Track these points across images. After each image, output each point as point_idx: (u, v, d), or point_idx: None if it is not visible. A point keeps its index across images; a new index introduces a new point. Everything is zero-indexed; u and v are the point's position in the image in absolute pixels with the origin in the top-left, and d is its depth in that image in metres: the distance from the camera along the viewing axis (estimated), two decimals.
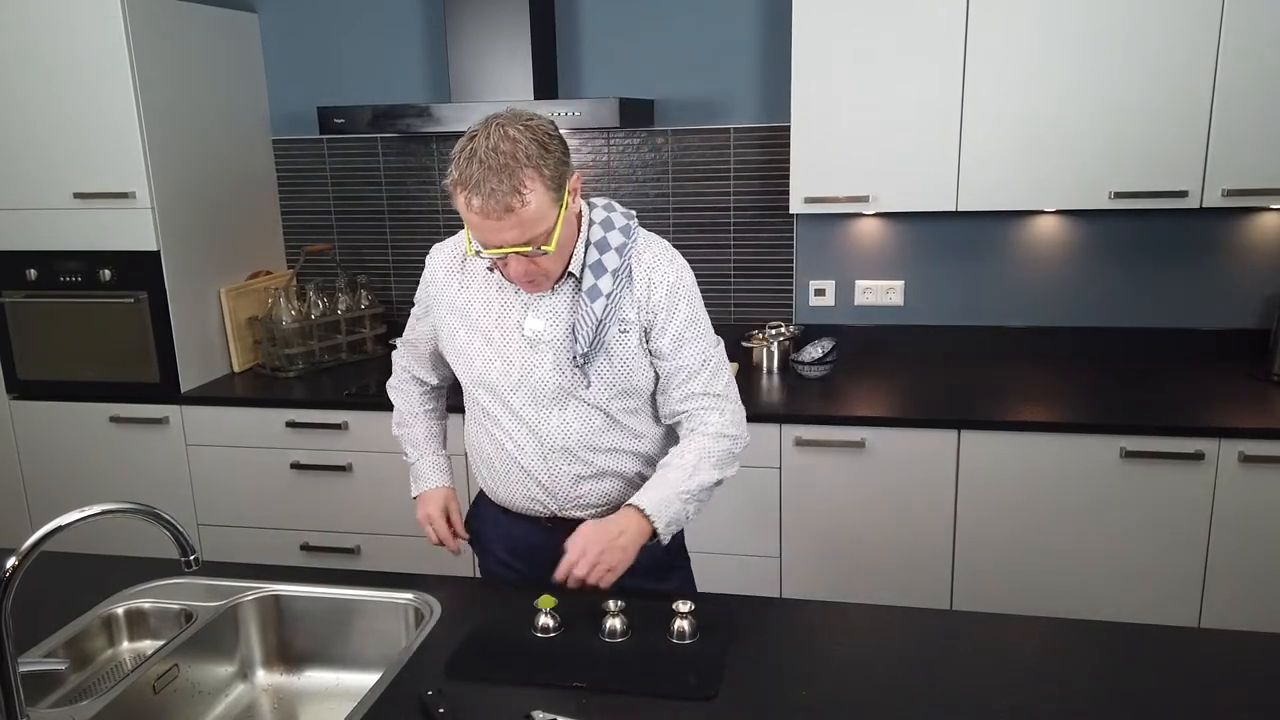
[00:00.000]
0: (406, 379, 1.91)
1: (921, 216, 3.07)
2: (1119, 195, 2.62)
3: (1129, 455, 2.48)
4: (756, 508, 2.72)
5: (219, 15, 3.14)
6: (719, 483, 1.66)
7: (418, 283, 1.79)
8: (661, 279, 1.61)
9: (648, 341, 1.64)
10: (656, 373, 1.67)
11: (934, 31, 2.62)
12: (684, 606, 1.47)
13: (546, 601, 1.51)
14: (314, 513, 3.02)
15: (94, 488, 3.09)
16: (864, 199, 2.77)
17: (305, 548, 3.05)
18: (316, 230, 3.50)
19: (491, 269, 1.62)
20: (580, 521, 1.66)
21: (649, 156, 3.20)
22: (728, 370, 1.70)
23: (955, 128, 2.67)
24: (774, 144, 3.08)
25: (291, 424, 2.94)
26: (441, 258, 1.72)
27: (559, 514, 1.71)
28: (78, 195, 2.88)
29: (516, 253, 1.47)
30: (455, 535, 1.85)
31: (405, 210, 3.42)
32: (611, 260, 1.58)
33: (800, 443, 2.64)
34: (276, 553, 3.04)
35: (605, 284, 1.57)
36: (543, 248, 1.47)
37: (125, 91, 2.78)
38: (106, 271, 2.94)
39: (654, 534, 1.59)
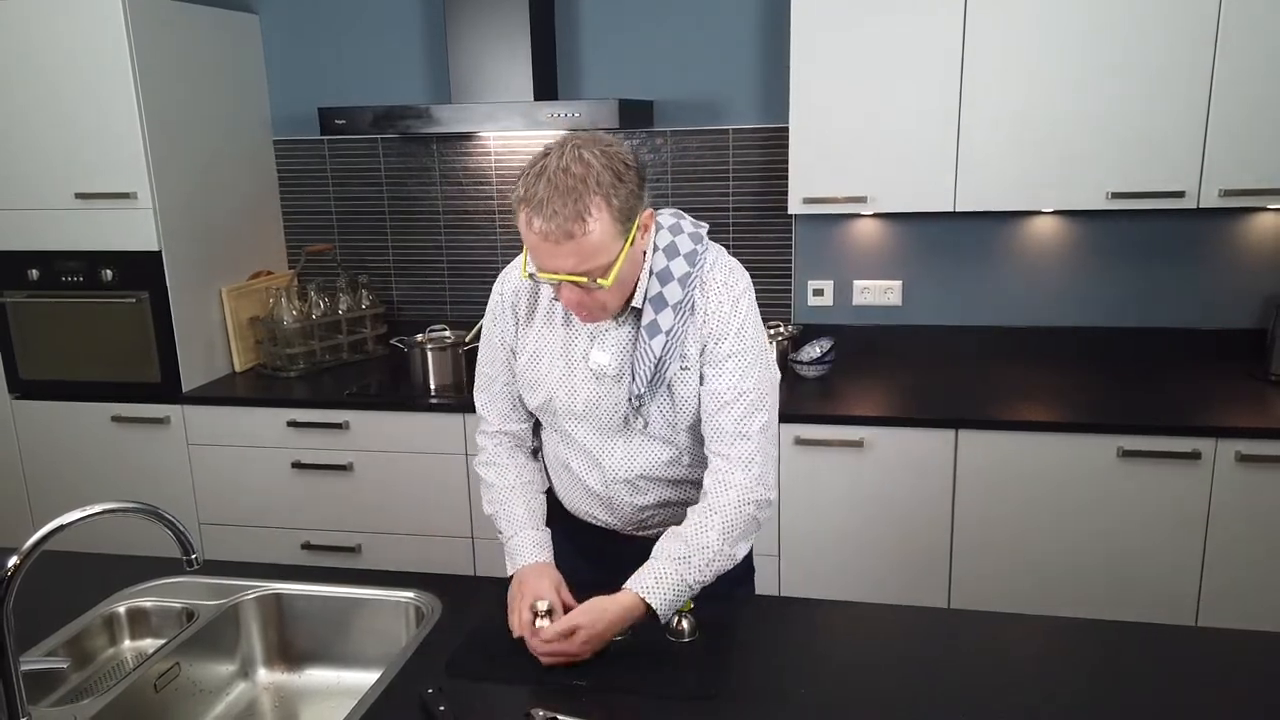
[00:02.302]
0: (502, 448, 1.72)
1: (919, 217, 3.08)
2: (1116, 196, 2.63)
3: (1126, 455, 2.48)
4: None
5: (219, 16, 3.15)
6: (735, 562, 1.52)
7: (417, 283, 1.77)
8: (717, 308, 1.52)
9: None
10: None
11: (932, 32, 2.63)
12: (683, 606, 1.47)
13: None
14: (315, 512, 3.02)
15: (95, 487, 3.09)
16: (862, 199, 2.77)
17: (306, 547, 3.06)
18: (317, 230, 3.51)
19: (556, 298, 1.53)
20: (644, 540, 1.58)
21: (648, 157, 3.20)
22: (768, 415, 1.55)
23: (953, 129, 2.67)
24: (773, 145, 3.09)
25: (293, 423, 2.94)
26: (513, 281, 1.63)
27: (622, 532, 1.69)
28: (79, 195, 2.88)
29: (571, 281, 1.40)
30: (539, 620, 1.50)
31: (406, 211, 3.42)
32: (673, 293, 1.50)
33: (799, 442, 2.65)
34: (277, 552, 3.04)
35: (665, 320, 1.49)
36: (599, 280, 1.39)
37: (126, 92, 2.78)
38: (108, 271, 2.94)
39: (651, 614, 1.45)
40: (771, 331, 3.07)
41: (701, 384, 1.55)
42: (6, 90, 2.85)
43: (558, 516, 1.76)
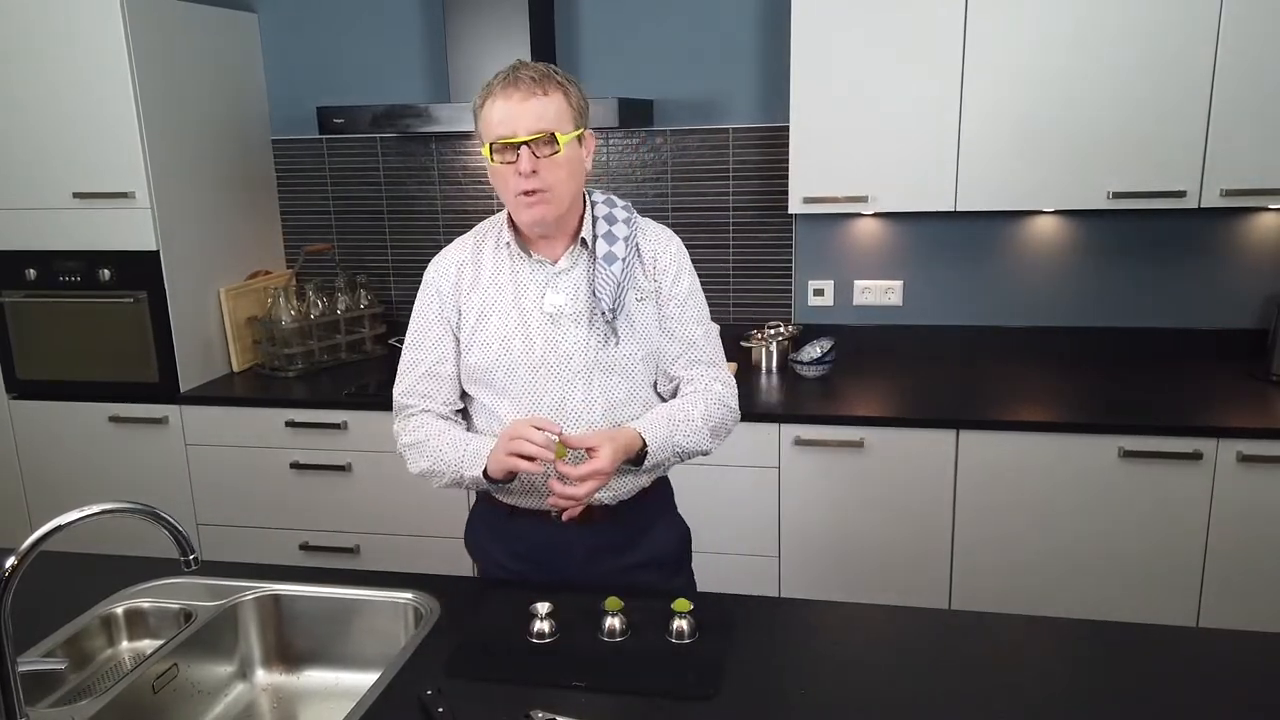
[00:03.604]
0: (428, 422, 1.71)
1: (920, 216, 3.07)
2: (1117, 195, 2.63)
3: (1127, 455, 2.48)
4: (755, 507, 2.72)
5: (218, 15, 3.14)
6: (705, 453, 1.70)
7: (417, 283, 1.77)
8: (665, 250, 1.72)
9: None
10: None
11: (933, 31, 2.62)
12: (683, 606, 1.47)
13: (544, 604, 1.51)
14: (313, 512, 3.02)
15: (93, 487, 3.09)
16: (863, 199, 2.77)
17: (305, 547, 3.05)
18: (316, 230, 3.50)
19: (509, 243, 1.66)
20: (594, 507, 1.66)
21: (648, 156, 3.20)
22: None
23: (954, 128, 2.67)
24: (773, 144, 3.08)
25: (291, 424, 2.94)
26: (451, 256, 1.72)
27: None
28: (77, 195, 2.88)
29: (530, 141, 1.51)
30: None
31: (405, 210, 3.42)
32: (621, 230, 1.68)
33: (799, 442, 2.64)
34: (276, 552, 3.04)
35: (619, 249, 1.65)
36: (558, 138, 1.53)
37: (125, 91, 2.78)
38: (106, 271, 2.94)
39: (636, 462, 1.63)
40: (771, 331, 3.07)
41: (665, 323, 1.70)
42: (4, 89, 2.85)
43: (491, 522, 1.77)
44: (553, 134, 1.53)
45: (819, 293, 3.20)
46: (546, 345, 1.64)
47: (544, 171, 1.54)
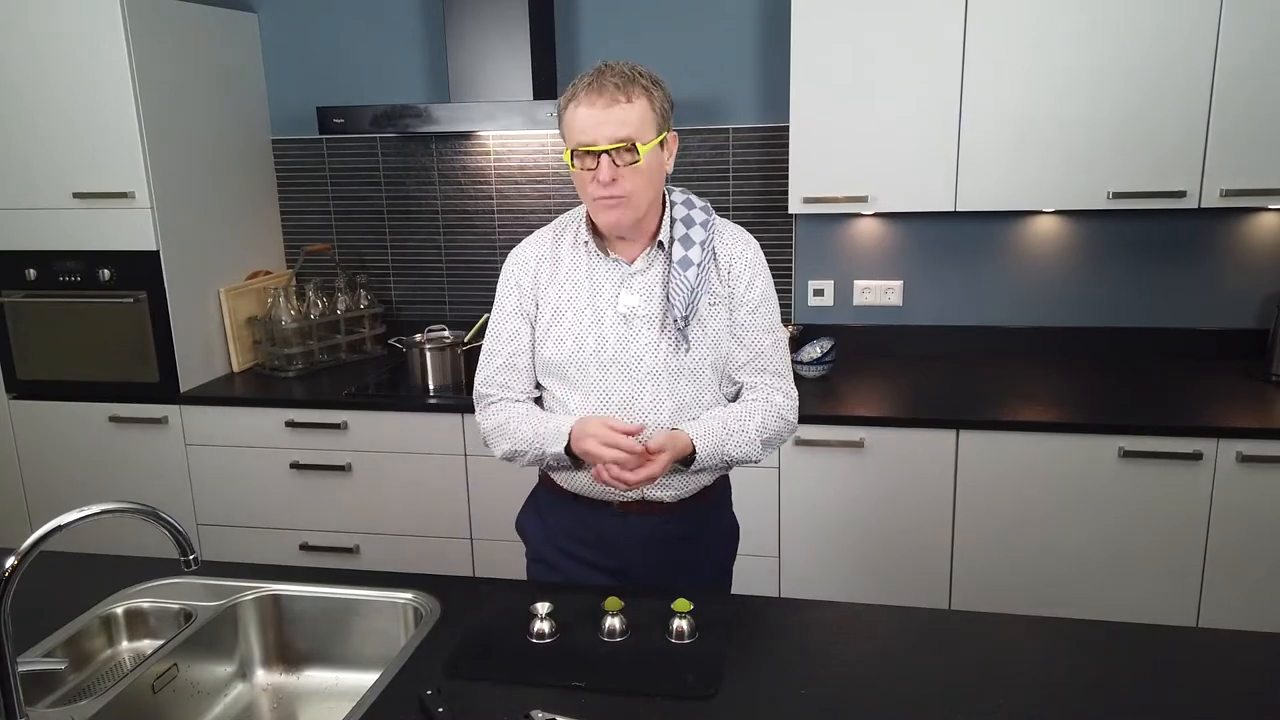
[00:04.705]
0: (507, 407, 1.74)
1: (920, 216, 3.07)
2: (1117, 195, 2.63)
3: (1127, 455, 2.48)
4: (755, 507, 2.72)
5: (219, 15, 3.14)
6: (754, 462, 1.72)
7: (417, 283, 1.78)
8: (741, 254, 1.71)
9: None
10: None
11: (933, 31, 2.62)
12: (683, 606, 1.47)
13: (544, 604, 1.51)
14: (313, 512, 3.02)
15: (93, 487, 3.09)
16: (863, 199, 2.77)
17: (305, 547, 3.05)
18: (316, 230, 3.50)
19: (587, 241, 1.68)
20: (654, 502, 1.69)
21: None
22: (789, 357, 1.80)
23: (954, 128, 2.67)
24: (773, 144, 3.08)
25: (291, 424, 2.94)
26: (531, 249, 1.74)
27: (624, 502, 1.72)
28: (77, 195, 2.88)
29: (610, 150, 1.53)
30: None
31: (404, 210, 3.42)
32: (698, 234, 1.68)
33: (799, 442, 2.64)
34: (276, 552, 3.04)
35: (695, 254, 1.66)
36: (639, 147, 1.54)
37: (125, 91, 2.78)
38: (106, 271, 2.94)
39: (684, 464, 1.66)
40: None
41: (735, 329, 1.70)
42: (5, 89, 2.85)
43: (553, 506, 1.79)
44: (634, 143, 1.54)
45: (819, 293, 3.20)
46: (618, 345, 1.66)
47: (623, 180, 1.56)
